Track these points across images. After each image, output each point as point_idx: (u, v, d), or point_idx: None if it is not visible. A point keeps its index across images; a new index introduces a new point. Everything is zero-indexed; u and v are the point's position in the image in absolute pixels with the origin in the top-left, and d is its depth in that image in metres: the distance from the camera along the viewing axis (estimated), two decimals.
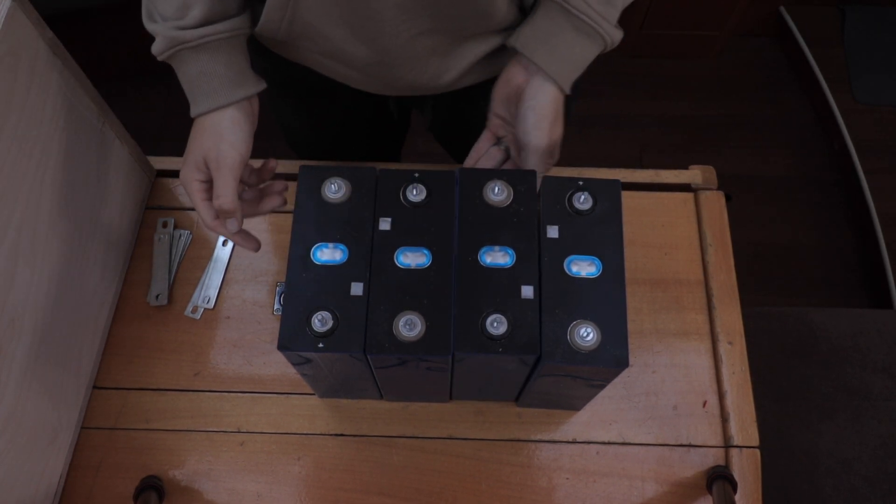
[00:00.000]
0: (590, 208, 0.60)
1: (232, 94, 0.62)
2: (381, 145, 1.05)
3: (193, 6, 0.59)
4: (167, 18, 0.60)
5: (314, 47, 0.70)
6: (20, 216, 0.62)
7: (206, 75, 0.61)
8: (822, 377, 1.10)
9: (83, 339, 0.75)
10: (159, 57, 0.62)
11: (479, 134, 0.94)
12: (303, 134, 1.00)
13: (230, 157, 0.62)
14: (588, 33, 0.64)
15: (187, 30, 0.60)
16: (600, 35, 0.64)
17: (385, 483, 0.73)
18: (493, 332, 0.55)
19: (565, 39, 0.64)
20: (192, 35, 0.60)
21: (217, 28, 0.60)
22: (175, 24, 0.60)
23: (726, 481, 0.71)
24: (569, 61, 0.64)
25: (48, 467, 0.70)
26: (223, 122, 0.62)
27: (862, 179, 1.70)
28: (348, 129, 0.95)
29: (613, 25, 0.64)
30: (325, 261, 0.58)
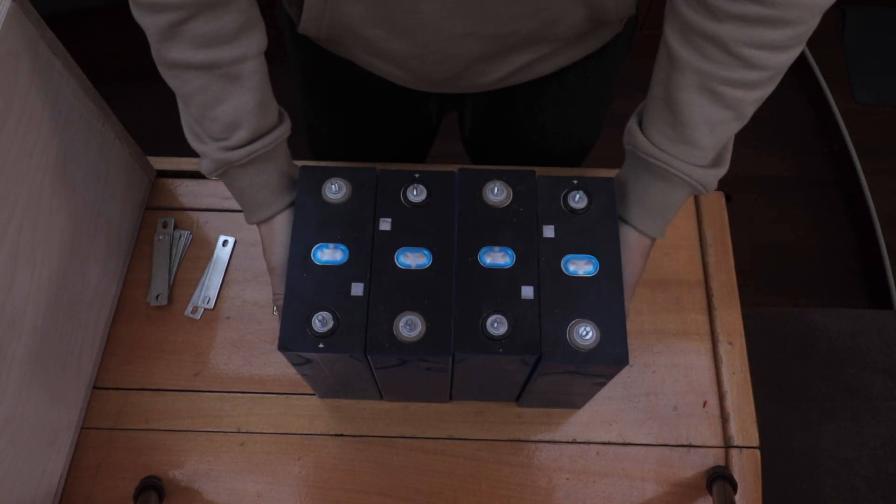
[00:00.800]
0: (585, 207, 0.60)
1: (282, 200, 0.64)
2: (409, 151, 1.04)
3: (241, 127, 0.59)
4: (215, 139, 0.60)
5: (353, 45, 0.70)
6: (20, 216, 0.62)
7: (255, 187, 0.63)
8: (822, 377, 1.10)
9: (83, 339, 0.75)
10: (210, 176, 0.63)
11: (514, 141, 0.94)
12: (330, 138, 0.99)
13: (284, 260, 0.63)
14: (661, 175, 0.61)
15: (235, 150, 0.60)
16: (676, 176, 0.60)
17: (385, 483, 0.73)
18: (494, 333, 0.55)
19: (639, 184, 0.63)
20: (241, 154, 0.60)
21: (264, 143, 0.61)
22: (222, 144, 0.60)
23: (726, 481, 0.71)
24: (645, 207, 0.63)
25: (48, 468, 0.70)
26: (275, 228, 0.65)
27: (862, 179, 1.70)
28: (379, 132, 0.95)
29: (695, 165, 0.60)
30: (326, 261, 0.58)
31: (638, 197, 0.63)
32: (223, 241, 0.84)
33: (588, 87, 0.85)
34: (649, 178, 0.62)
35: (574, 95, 0.85)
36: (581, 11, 0.67)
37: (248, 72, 0.57)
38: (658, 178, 0.61)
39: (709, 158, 0.60)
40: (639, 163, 0.62)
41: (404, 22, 0.65)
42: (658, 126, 0.60)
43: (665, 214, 0.63)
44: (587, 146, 0.99)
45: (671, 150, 0.59)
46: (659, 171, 0.60)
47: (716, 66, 0.54)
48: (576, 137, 0.96)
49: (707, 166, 0.60)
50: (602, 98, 0.90)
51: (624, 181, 0.65)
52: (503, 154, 0.99)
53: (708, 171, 0.61)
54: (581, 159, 1.02)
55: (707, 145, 0.59)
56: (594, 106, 0.91)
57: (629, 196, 0.64)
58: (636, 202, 0.63)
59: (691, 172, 0.59)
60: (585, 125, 0.94)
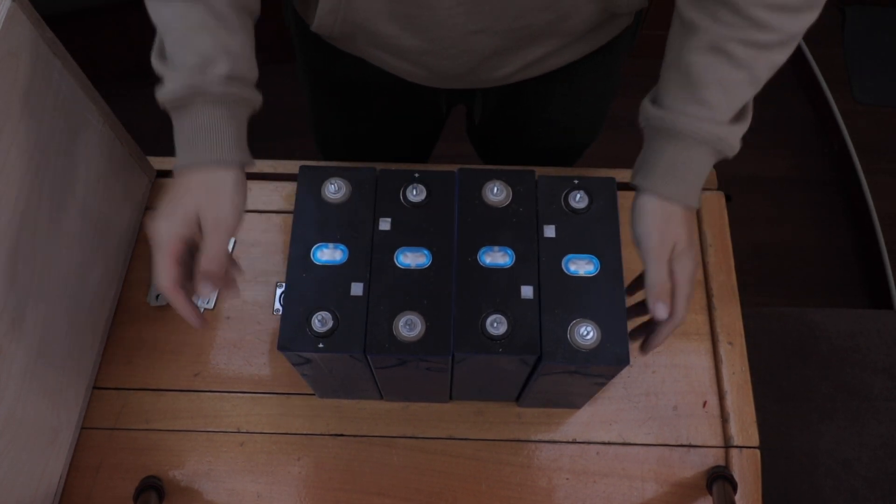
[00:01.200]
0: (586, 207, 0.60)
1: (241, 154, 0.58)
2: (417, 145, 1.04)
3: (217, 62, 0.56)
4: (186, 67, 0.57)
5: (367, 42, 0.70)
6: (20, 216, 0.62)
7: (217, 130, 0.57)
8: (821, 377, 1.10)
9: (83, 339, 0.75)
10: (168, 102, 0.58)
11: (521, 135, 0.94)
12: (340, 135, 0.99)
13: (232, 219, 0.57)
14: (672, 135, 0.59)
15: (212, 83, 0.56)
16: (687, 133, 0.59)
17: (385, 483, 0.73)
18: (493, 333, 0.55)
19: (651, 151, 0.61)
20: (217, 88, 0.56)
21: (242, 89, 0.58)
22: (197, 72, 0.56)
23: (726, 481, 0.71)
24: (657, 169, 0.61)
25: (48, 467, 0.70)
26: (228, 181, 0.57)
27: (862, 179, 1.70)
28: (388, 128, 0.95)
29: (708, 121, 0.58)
30: (325, 261, 0.58)
31: (649, 162, 0.61)
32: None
33: (595, 80, 0.85)
34: (661, 141, 0.60)
35: (582, 89, 0.85)
36: (594, 4, 0.66)
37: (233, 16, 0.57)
38: (670, 139, 0.59)
39: (724, 119, 0.59)
40: (651, 133, 0.61)
41: (418, 18, 0.65)
42: (671, 90, 0.59)
43: (683, 176, 0.60)
44: (590, 140, 1.00)
45: (682, 109, 0.58)
46: (669, 131, 0.59)
47: (727, 28, 0.55)
48: (580, 131, 0.96)
49: (724, 122, 0.59)
50: (608, 91, 0.91)
51: (638, 161, 0.63)
52: (507, 147, 0.99)
53: (724, 127, 0.59)
54: (581, 153, 1.02)
55: (720, 105, 0.58)
56: (600, 99, 0.91)
57: (642, 165, 0.61)
58: (648, 167, 0.61)
59: (703, 127, 0.58)
60: (590, 118, 0.95)
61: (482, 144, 1.06)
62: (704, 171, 0.61)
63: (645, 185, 0.61)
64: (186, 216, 0.56)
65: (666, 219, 0.61)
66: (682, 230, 0.61)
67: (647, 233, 0.61)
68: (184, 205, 0.56)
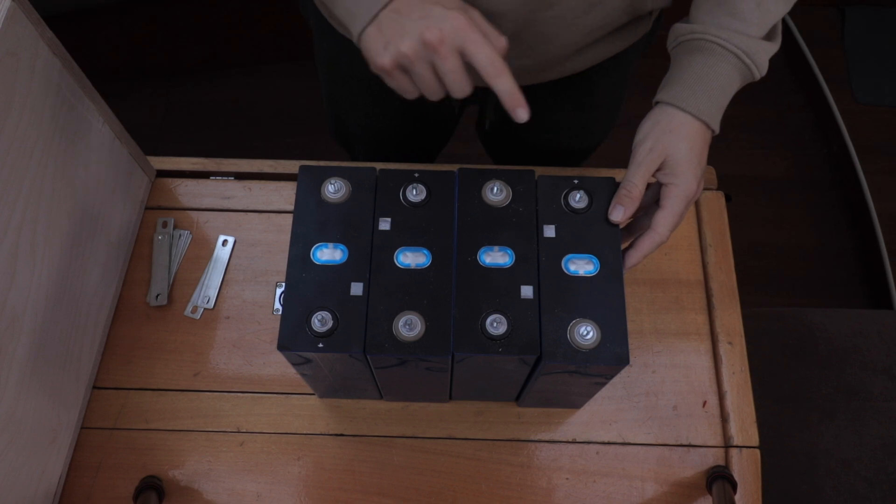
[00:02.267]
0: (586, 206, 0.60)
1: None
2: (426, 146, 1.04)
3: None
4: None
5: None
6: (20, 216, 0.62)
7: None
8: (821, 378, 1.10)
9: (83, 339, 0.75)
10: None
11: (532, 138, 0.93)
12: (355, 128, 0.99)
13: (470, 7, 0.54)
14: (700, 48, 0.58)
15: None
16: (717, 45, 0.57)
17: (385, 483, 0.73)
18: (493, 333, 0.55)
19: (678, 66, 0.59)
20: None
21: None
22: None
23: (726, 481, 0.71)
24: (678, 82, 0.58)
25: (48, 467, 0.70)
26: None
27: (862, 180, 1.70)
28: (402, 123, 0.94)
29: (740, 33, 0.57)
30: (325, 261, 0.58)
31: (672, 77, 0.59)
32: (223, 240, 0.84)
33: (608, 84, 0.85)
34: (688, 57, 0.58)
35: (594, 93, 0.85)
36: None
37: None
38: (698, 53, 0.58)
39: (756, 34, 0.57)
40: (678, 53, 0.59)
41: None
42: (703, 5, 0.58)
43: (706, 89, 0.57)
44: (599, 143, 1.00)
45: (712, 21, 0.57)
46: (698, 44, 0.57)
47: None
48: (590, 135, 0.96)
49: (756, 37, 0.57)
50: (620, 96, 0.90)
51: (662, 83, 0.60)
52: (517, 149, 0.99)
53: (754, 40, 0.57)
54: (588, 155, 1.02)
55: (753, 17, 0.56)
56: (610, 103, 0.91)
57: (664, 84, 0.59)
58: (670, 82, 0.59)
59: (733, 38, 0.56)
60: (602, 123, 0.94)
61: (492, 146, 1.06)
62: (729, 88, 0.59)
63: (661, 97, 0.59)
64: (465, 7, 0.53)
65: (670, 128, 0.58)
66: (683, 143, 0.58)
67: (638, 139, 0.58)
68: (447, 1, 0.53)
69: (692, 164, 0.59)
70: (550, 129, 0.91)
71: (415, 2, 0.54)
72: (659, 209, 0.59)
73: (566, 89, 0.81)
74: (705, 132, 0.59)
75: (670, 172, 0.58)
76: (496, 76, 0.54)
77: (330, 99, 0.97)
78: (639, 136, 0.59)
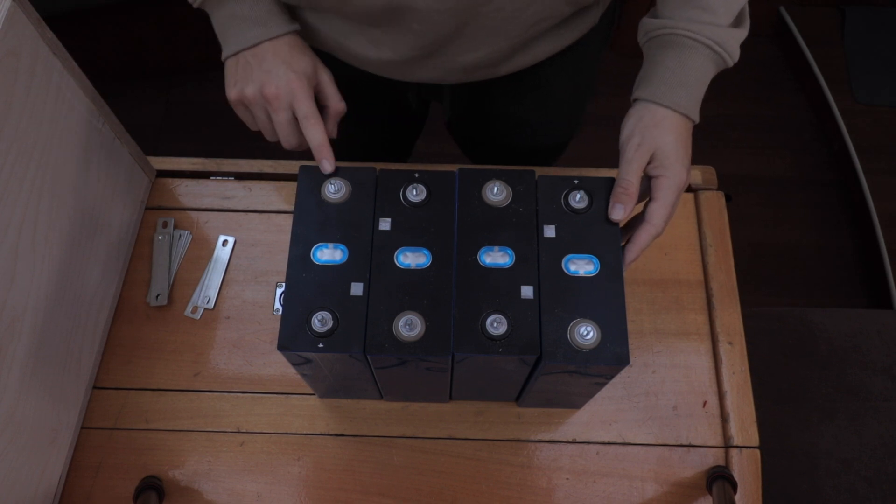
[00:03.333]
0: (586, 206, 0.60)
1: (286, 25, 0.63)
2: (394, 144, 1.04)
3: None
4: None
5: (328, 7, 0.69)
6: (20, 216, 0.62)
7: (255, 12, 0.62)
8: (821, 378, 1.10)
9: (83, 339, 0.75)
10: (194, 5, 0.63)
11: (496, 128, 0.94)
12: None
13: (324, 70, 0.64)
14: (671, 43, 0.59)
15: None
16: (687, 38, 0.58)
17: (385, 483, 0.73)
18: (493, 333, 0.55)
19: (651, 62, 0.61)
20: None
21: None
22: None
23: (726, 481, 0.71)
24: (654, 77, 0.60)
25: (48, 467, 0.70)
26: (303, 44, 0.64)
27: (862, 180, 1.70)
28: (361, 123, 0.95)
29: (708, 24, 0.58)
30: (325, 261, 0.58)
31: (647, 74, 0.60)
32: (223, 240, 0.84)
33: (565, 79, 0.85)
34: (661, 52, 0.60)
35: (552, 88, 0.85)
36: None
37: None
38: (670, 48, 0.59)
39: (724, 22, 0.59)
40: (650, 49, 0.60)
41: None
42: (669, 1, 0.59)
43: (682, 82, 0.59)
44: (567, 139, 1.00)
45: (681, 15, 0.58)
46: (669, 39, 0.59)
47: None
48: (554, 131, 0.96)
49: (724, 26, 0.59)
50: (579, 91, 0.90)
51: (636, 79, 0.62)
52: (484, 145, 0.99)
53: (723, 30, 0.58)
54: (560, 152, 1.02)
55: (719, 8, 0.58)
56: (572, 98, 0.91)
57: (639, 80, 0.61)
58: (645, 79, 0.60)
59: (703, 30, 0.58)
60: (563, 118, 0.94)
61: (462, 143, 1.06)
62: (704, 79, 0.60)
63: (639, 94, 0.60)
64: (307, 70, 0.65)
65: (654, 123, 0.59)
66: (669, 136, 0.59)
67: (626, 136, 0.60)
68: (300, 62, 0.64)
69: (679, 154, 0.60)
70: (513, 125, 0.91)
71: (269, 55, 0.63)
72: (652, 201, 0.60)
73: (523, 84, 0.81)
74: (687, 123, 0.61)
75: (660, 165, 0.60)
76: (308, 128, 0.64)
77: None
78: (624, 133, 0.61)
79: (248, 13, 0.63)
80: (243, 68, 0.65)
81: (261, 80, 0.63)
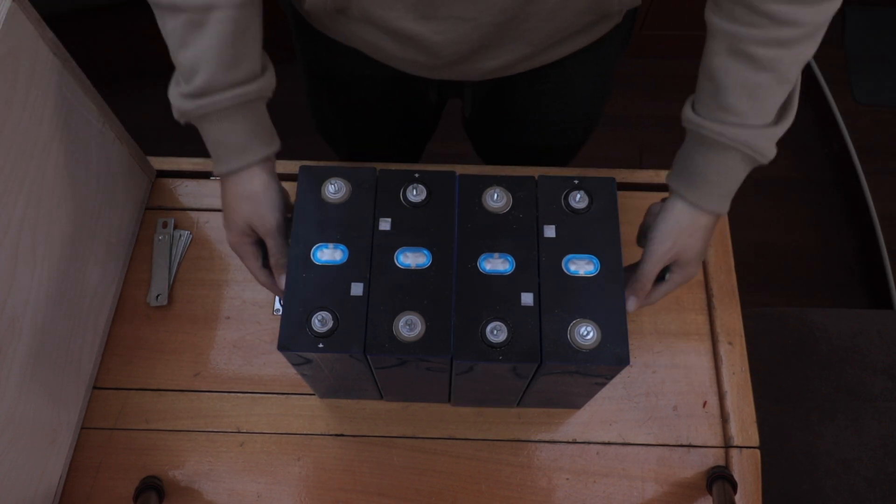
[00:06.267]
0: (586, 207, 0.60)
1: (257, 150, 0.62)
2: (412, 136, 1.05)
3: (198, 74, 0.58)
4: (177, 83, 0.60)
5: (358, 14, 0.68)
6: (20, 216, 0.62)
7: (217, 142, 0.62)
8: (821, 378, 1.10)
9: (83, 339, 0.75)
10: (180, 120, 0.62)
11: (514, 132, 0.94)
12: (336, 124, 1.00)
13: (275, 220, 0.63)
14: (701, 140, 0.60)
15: (189, 98, 0.59)
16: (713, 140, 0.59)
17: (385, 483, 0.73)
18: (493, 340, 0.55)
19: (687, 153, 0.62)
20: (192, 106, 0.59)
21: (216, 99, 0.58)
22: (183, 89, 0.59)
23: (726, 481, 0.71)
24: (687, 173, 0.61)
25: (48, 468, 0.70)
26: (254, 187, 0.62)
27: (862, 180, 1.70)
28: (381, 118, 0.95)
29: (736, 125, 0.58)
30: (325, 261, 0.58)
31: (683, 165, 0.62)
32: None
33: (585, 77, 0.85)
34: (694, 146, 0.61)
35: (572, 86, 0.85)
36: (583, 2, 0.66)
37: (213, 21, 0.57)
38: (701, 145, 0.60)
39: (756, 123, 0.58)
40: (688, 136, 0.62)
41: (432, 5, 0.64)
42: (701, 97, 0.60)
43: (714, 183, 0.60)
44: (584, 138, 1.00)
45: (708, 115, 0.58)
46: (700, 137, 0.59)
47: (745, 28, 0.54)
48: (573, 128, 0.96)
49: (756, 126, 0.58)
50: (599, 88, 0.90)
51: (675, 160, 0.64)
52: (501, 143, 0.99)
53: (754, 130, 0.58)
54: (576, 151, 1.02)
55: (746, 110, 0.57)
56: (591, 97, 0.91)
57: (676, 168, 0.63)
58: (680, 170, 0.62)
59: (728, 133, 0.57)
60: (583, 116, 0.94)
61: (477, 140, 1.06)
62: (736, 179, 0.61)
63: (676, 188, 0.62)
64: (243, 229, 0.64)
65: (690, 231, 0.62)
66: (699, 244, 0.62)
67: (661, 237, 0.62)
68: (235, 221, 0.63)
69: (701, 255, 0.64)
70: (530, 124, 0.91)
71: (229, 203, 0.64)
72: (661, 282, 0.64)
73: (544, 81, 0.81)
74: (718, 219, 0.64)
75: (683, 264, 0.63)
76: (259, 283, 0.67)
77: (310, 96, 0.97)
78: (659, 232, 0.62)
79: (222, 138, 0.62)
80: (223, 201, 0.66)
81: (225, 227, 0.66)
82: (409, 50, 0.71)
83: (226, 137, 0.61)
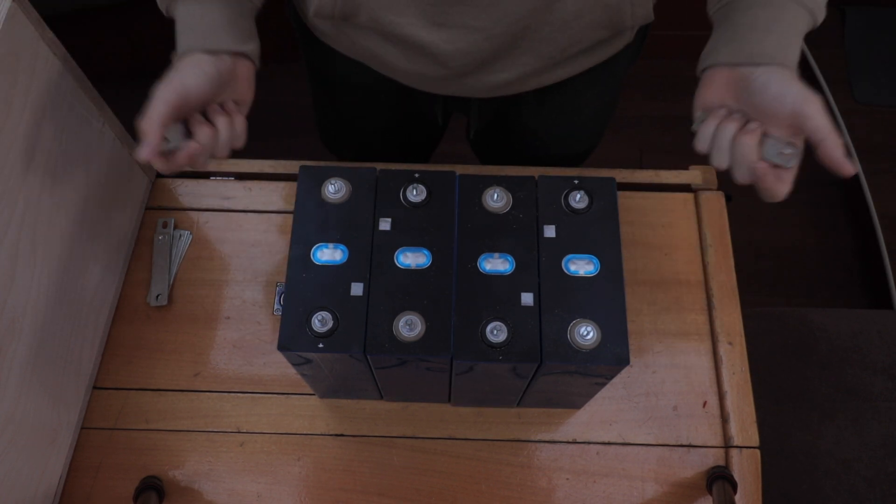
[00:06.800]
0: (586, 206, 0.60)
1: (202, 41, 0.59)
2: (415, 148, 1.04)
3: None
4: None
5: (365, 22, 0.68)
6: (20, 216, 0.62)
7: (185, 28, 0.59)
8: (822, 378, 1.10)
9: (83, 339, 0.75)
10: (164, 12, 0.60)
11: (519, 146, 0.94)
12: (339, 131, 1.00)
13: (172, 82, 0.58)
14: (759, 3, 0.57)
15: None
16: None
17: (385, 483, 0.73)
18: (493, 340, 0.55)
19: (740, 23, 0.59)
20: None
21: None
22: None
23: (726, 481, 0.71)
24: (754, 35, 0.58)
25: (48, 468, 0.70)
26: (185, 60, 0.59)
27: (862, 180, 1.70)
28: (386, 130, 0.95)
29: None
30: (325, 261, 0.58)
31: (739, 34, 0.58)
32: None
33: (594, 95, 0.84)
34: (748, 13, 0.58)
35: (580, 103, 0.85)
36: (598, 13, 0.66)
37: None
38: (759, 6, 0.57)
39: None
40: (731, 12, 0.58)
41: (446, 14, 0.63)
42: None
43: (782, 34, 0.57)
44: (589, 150, 1.00)
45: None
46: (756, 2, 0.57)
47: None
48: (579, 142, 0.96)
49: None
50: (606, 105, 0.90)
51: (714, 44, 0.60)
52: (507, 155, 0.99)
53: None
54: (581, 161, 1.02)
55: None
56: (599, 113, 0.91)
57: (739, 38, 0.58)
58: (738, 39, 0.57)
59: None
60: (589, 131, 0.94)
61: (480, 152, 1.06)
62: (801, 32, 0.58)
63: (781, 60, 0.57)
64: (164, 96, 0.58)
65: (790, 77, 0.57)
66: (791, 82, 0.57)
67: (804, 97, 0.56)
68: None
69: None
70: (537, 137, 0.91)
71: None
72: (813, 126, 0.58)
73: (551, 98, 0.81)
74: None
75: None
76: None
77: (315, 101, 0.97)
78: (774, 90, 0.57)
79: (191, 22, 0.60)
80: None
81: None
82: (417, 61, 0.71)
83: (194, 21, 0.59)
